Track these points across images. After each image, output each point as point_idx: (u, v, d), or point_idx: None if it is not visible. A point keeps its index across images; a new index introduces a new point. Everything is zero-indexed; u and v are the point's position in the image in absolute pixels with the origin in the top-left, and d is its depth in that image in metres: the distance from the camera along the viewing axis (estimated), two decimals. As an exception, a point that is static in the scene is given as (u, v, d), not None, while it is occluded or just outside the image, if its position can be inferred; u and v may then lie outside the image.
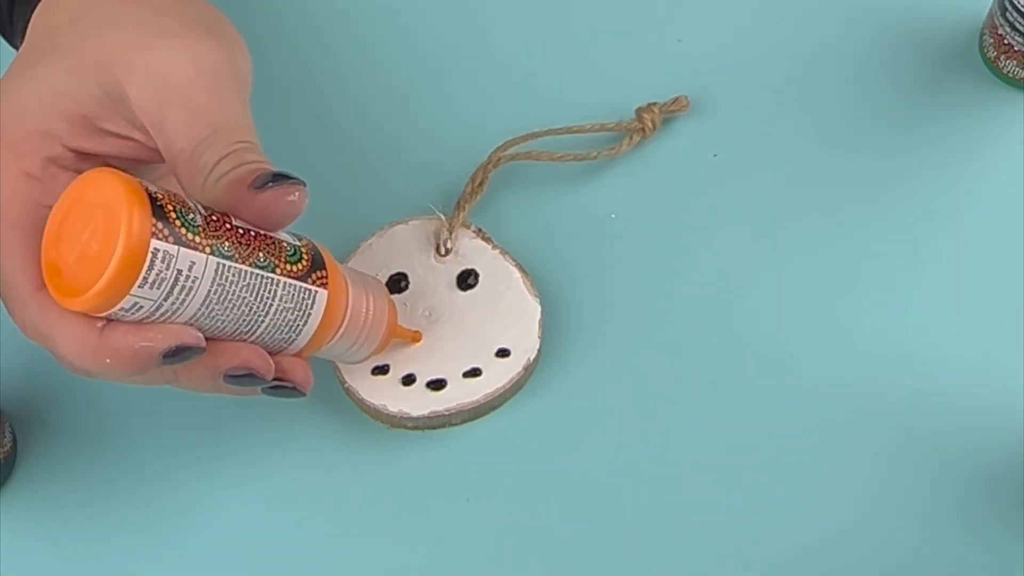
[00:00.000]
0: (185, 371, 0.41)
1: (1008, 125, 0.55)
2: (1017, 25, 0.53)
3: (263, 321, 0.42)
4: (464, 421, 0.50)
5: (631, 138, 0.54)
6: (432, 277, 0.51)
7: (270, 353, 0.43)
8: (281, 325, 0.42)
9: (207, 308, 0.40)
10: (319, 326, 0.43)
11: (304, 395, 0.44)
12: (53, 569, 0.48)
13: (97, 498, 0.49)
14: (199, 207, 0.40)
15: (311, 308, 0.43)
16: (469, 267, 0.52)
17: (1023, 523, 0.47)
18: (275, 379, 0.43)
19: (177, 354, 0.40)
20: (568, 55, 0.58)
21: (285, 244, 0.42)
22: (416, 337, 0.50)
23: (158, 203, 0.38)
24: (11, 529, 0.48)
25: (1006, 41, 0.54)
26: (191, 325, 0.40)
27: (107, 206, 0.38)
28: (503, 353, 0.50)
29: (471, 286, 0.51)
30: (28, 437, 0.50)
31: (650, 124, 0.54)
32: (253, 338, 0.42)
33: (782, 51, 0.57)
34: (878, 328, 0.51)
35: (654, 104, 0.55)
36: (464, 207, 0.53)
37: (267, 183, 0.40)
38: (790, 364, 0.50)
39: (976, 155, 0.55)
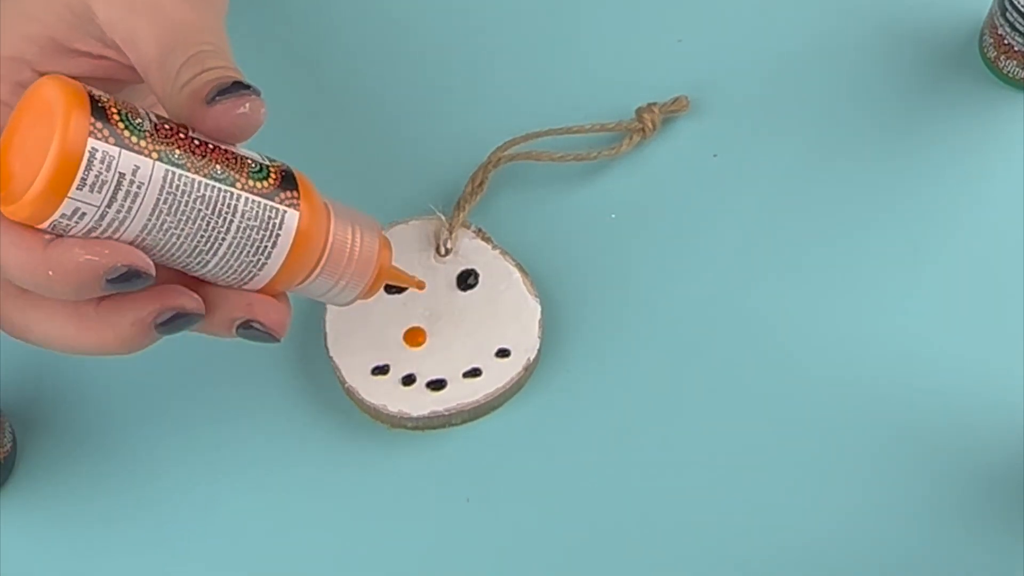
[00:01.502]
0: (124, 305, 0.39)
1: (1008, 125, 0.55)
2: (1017, 25, 0.53)
3: (224, 240, 0.39)
4: (464, 421, 0.50)
5: (631, 138, 0.54)
6: (432, 277, 0.51)
7: (239, 285, 0.41)
8: (246, 245, 0.40)
9: (157, 220, 0.38)
10: (290, 252, 0.41)
11: (276, 340, 0.42)
12: (53, 569, 0.48)
13: (97, 498, 0.49)
14: (151, 115, 0.39)
15: (279, 228, 0.40)
16: (469, 267, 0.52)
17: (1023, 523, 0.47)
18: (247, 320, 0.41)
19: (123, 278, 0.38)
20: (568, 55, 0.58)
21: (250, 161, 0.40)
22: (420, 284, 0.48)
23: (100, 105, 0.37)
24: (11, 529, 0.48)
25: (1006, 41, 0.54)
26: (144, 241, 0.38)
27: (48, 110, 0.37)
28: (503, 353, 0.50)
29: (471, 286, 0.51)
30: (28, 437, 0.50)
31: (650, 124, 0.54)
32: (216, 260, 0.40)
33: (782, 51, 0.57)
34: (878, 328, 0.51)
35: (654, 104, 0.55)
36: (464, 207, 0.53)
37: (217, 96, 0.39)
38: (790, 364, 0.50)
39: (976, 155, 0.55)
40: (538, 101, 0.56)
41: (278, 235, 0.41)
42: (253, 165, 0.40)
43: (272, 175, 0.41)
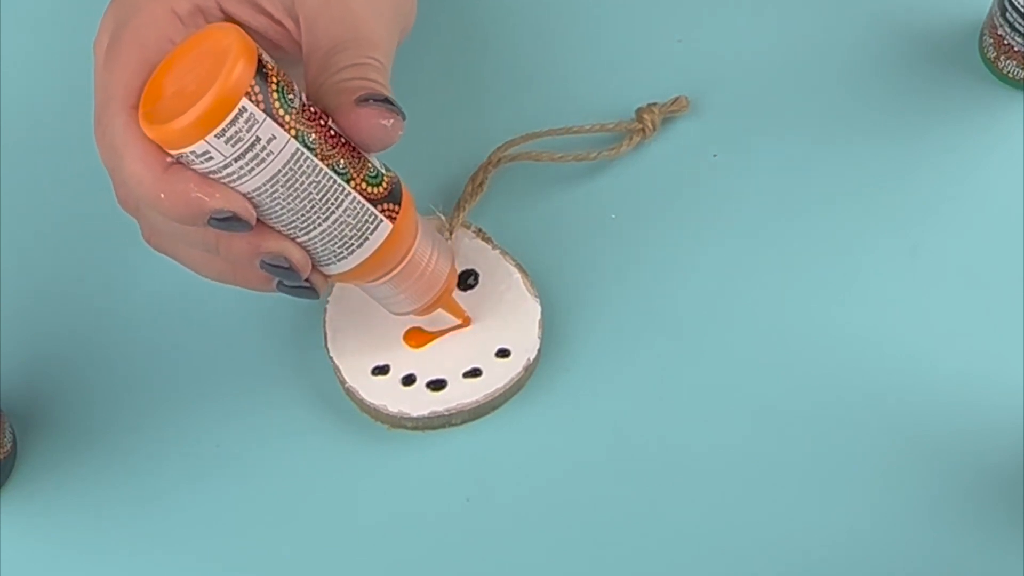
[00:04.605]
0: (227, 241, 0.42)
1: (1008, 125, 0.55)
2: (1017, 25, 0.53)
3: (319, 225, 0.42)
4: (464, 421, 0.50)
5: (631, 138, 0.54)
6: (432, 277, 0.51)
7: (313, 263, 0.44)
8: (336, 237, 0.43)
9: (271, 187, 0.40)
10: (372, 255, 0.44)
11: (317, 296, 0.45)
12: (53, 569, 0.48)
13: (97, 498, 0.49)
14: (302, 94, 0.41)
15: (370, 234, 0.43)
16: (469, 267, 0.52)
17: None
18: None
19: (226, 221, 0.40)
20: (568, 55, 0.58)
21: (370, 165, 0.43)
22: (466, 320, 0.50)
23: (264, 70, 0.39)
24: (11, 529, 0.48)
25: (1006, 41, 0.54)
26: (250, 198, 0.41)
27: (218, 54, 0.39)
28: (503, 353, 0.50)
29: (471, 286, 0.51)
30: (28, 437, 0.50)
31: (650, 124, 0.54)
32: (304, 238, 0.42)
33: (782, 51, 0.57)
34: (878, 328, 0.51)
35: (654, 104, 0.55)
36: (464, 207, 0.53)
37: (370, 100, 0.41)
38: (790, 364, 0.50)
39: (976, 155, 0.55)
40: (538, 101, 0.56)
41: (367, 239, 0.43)
42: (371, 169, 0.43)
43: (385, 184, 0.43)
